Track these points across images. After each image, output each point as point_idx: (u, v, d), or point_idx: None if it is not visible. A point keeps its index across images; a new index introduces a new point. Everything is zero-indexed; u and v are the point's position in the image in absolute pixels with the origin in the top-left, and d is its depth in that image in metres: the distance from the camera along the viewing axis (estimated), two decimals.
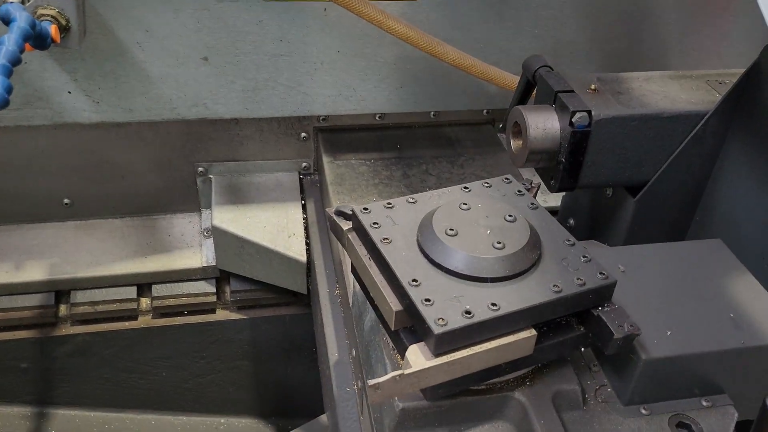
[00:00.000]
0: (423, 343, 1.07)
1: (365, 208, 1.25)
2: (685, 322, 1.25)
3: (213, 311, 2.31)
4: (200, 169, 2.24)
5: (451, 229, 1.18)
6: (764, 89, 1.47)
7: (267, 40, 1.99)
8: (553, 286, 1.10)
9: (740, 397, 1.27)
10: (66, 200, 2.23)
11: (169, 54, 1.95)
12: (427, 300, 1.07)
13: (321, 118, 2.22)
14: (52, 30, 1.56)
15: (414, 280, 1.11)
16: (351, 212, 1.25)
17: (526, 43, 2.12)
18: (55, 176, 2.17)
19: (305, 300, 2.29)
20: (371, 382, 1.04)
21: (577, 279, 1.11)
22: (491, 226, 1.20)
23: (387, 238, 1.20)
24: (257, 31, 1.96)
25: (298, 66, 2.05)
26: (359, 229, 1.24)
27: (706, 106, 1.56)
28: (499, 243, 1.15)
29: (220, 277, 2.28)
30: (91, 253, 2.21)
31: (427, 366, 1.05)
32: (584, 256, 1.15)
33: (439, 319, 1.04)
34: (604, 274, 1.12)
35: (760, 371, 1.26)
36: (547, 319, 1.13)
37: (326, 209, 1.43)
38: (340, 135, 2.24)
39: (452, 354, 1.06)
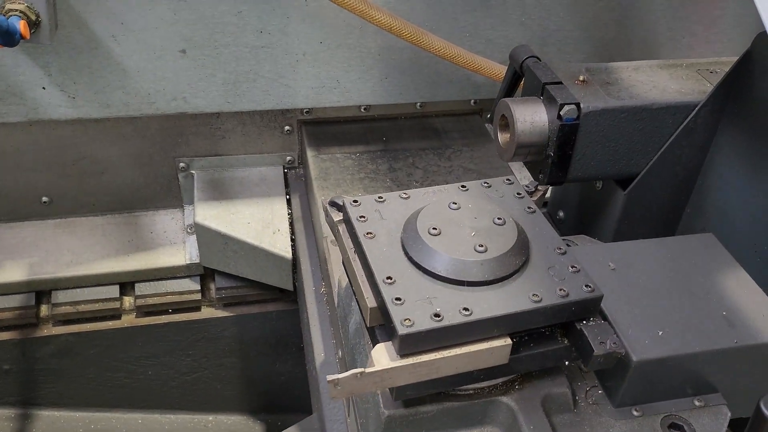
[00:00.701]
0: (391, 342, 1.05)
1: (355, 201, 1.23)
2: (677, 321, 1.22)
3: (198, 309, 2.27)
4: (182, 164, 2.19)
5: (434, 228, 1.15)
6: (756, 79, 1.44)
7: (247, 32, 1.93)
8: (533, 295, 1.06)
9: (733, 395, 1.25)
10: (44, 198, 2.17)
11: (146, 47, 1.90)
12: (398, 299, 1.05)
13: (304, 110, 2.17)
14: (21, 26, 1.51)
15: (389, 278, 1.09)
16: (342, 204, 1.23)
17: (512, 31, 2.08)
18: (32, 174, 2.12)
19: (292, 296, 2.26)
20: (330, 377, 1.01)
21: (560, 290, 1.07)
22: (477, 228, 1.16)
23: (371, 233, 1.17)
24: (236, 23, 1.91)
25: (280, 58, 2.00)
26: (348, 222, 1.22)
27: (696, 97, 1.53)
28: (482, 246, 1.11)
29: (205, 274, 2.24)
30: (72, 252, 2.16)
31: (390, 366, 1.02)
32: (573, 266, 1.11)
33: (405, 320, 1.02)
34: (590, 287, 1.07)
35: (754, 369, 1.24)
36: (526, 329, 1.09)
37: (321, 199, 1.42)
38: (324, 128, 2.20)
39: (419, 356, 1.03)
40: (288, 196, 2.20)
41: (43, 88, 1.92)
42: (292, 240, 2.08)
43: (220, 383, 2.45)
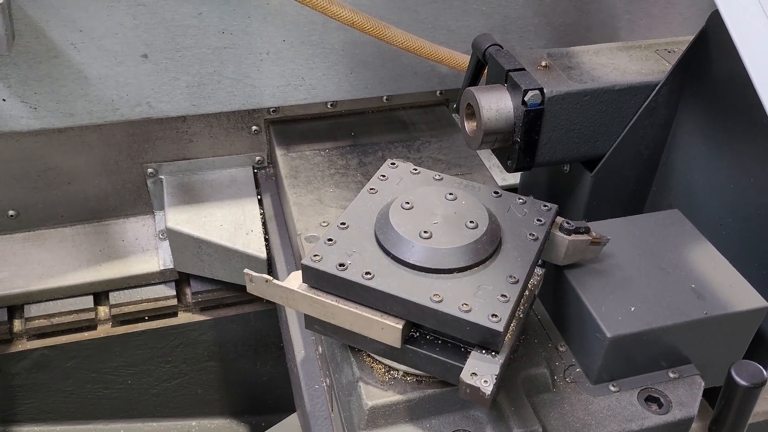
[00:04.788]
0: None
1: (393, 163, 1.37)
2: (648, 296, 1.25)
3: (175, 314, 2.25)
4: (150, 170, 2.17)
5: (407, 203, 1.21)
6: (712, 57, 1.47)
7: (208, 33, 1.92)
8: (434, 295, 1.06)
9: (706, 365, 1.29)
10: (11, 212, 2.14)
11: (107, 53, 1.88)
12: (330, 240, 1.16)
13: (271, 109, 2.16)
14: None
15: (343, 223, 1.20)
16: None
17: (474, 21, 2.09)
18: None
19: None
20: (247, 270, 1.14)
21: (464, 304, 1.05)
22: (447, 221, 1.18)
23: (374, 189, 1.29)
24: (197, 24, 1.89)
25: (244, 58, 1.99)
26: None
27: (656, 77, 1.56)
28: (427, 233, 1.14)
29: (180, 279, 2.23)
30: (43, 265, 2.13)
31: (290, 287, 1.13)
32: (504, 296, 1.07)
33: (315, 255, 1.12)
34: (496, 317, 1.03)
35: (724, 339, 1.28)
36: (425, 326, 1.09)
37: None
38: (292, 126, 2.19)
39: (319, 293, 1.13)
40: (259, 197, 2.20)
41: (3, 100, 1.88)
42: (266, 240, 2.08)
43: (201, 388, 2.44)
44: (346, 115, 2.25)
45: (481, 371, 1.02)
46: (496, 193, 1.30)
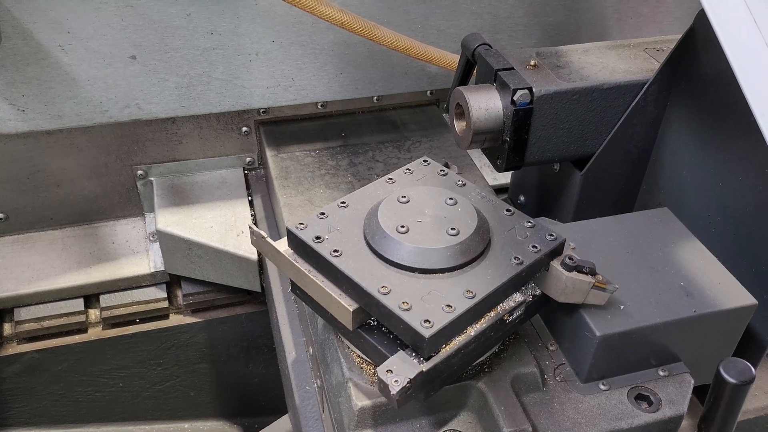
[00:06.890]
0: None
1: (425, 160, 1.40)
2: (638, 294, 1.25)
3: (166, 317, 2.24)
4: (140, 172, 2.16)
5: (403, 197, 1.23)
6: (700, 54, 1.48)
7: (197, 34, 1.91)
8: (382, 287, 1.07)
9: (696, 363, 1.29)
10: (0, 215, 2.13)
11: (95, 55, 1.87)
12: (323, 213, 1.22)
13: (261, 110, 2.16)
14: None
15: (343, 202, 1.25)
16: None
17: (463, 20, 2.09)
18: None
19: (260, 297, 2.25)
20: (250, 224, 1.22)
21: (404, 303, 1.05)
22: (433, 221, 1.18)
23: (392, 179, 1.33)
24: (186, 25, 1.89)
25: (233, 59, 1.99)
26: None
27: (645, 75, 1.56)
28: (404, 227, 1.16)
29: (171, 281, 2.22)
30: (32, 268, 2.12)
31: (277, 247, 1.21)
32: (449, 306, 1.06)
33: (300, 224, 1.19)
34: (429, 323, 1.02)
35: (713, 336, 1.28)
36: (373, 316, 1.11)
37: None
38: (282, 127, 2.19)
39: (299, 260, 1.18)
40: (250, 198, 2.19)
41: None
42: None
43: (193, 390, 2.43)
44: (337, 116, 2.25)
45: (397, 370, 1.01)
46: (508, 210, 1.27)
